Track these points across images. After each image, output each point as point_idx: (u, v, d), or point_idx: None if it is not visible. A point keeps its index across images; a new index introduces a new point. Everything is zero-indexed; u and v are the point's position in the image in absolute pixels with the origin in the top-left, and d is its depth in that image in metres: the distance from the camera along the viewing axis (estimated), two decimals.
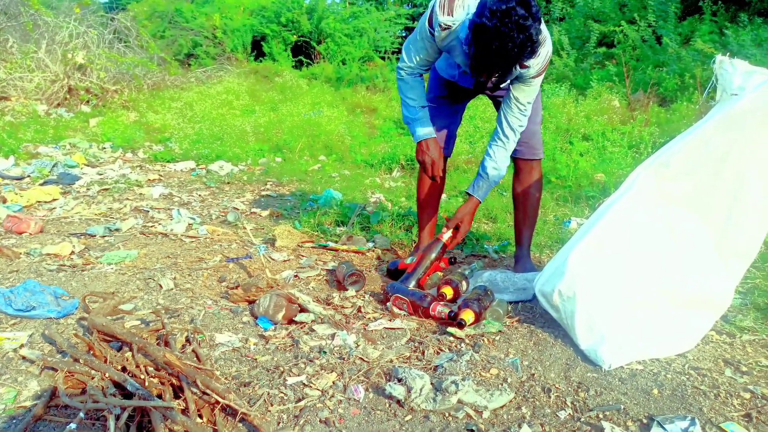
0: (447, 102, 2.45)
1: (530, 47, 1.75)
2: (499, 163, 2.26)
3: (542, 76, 2.12)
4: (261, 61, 12.12)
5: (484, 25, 1.71)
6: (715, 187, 1.73)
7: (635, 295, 1.78)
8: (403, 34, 14.08)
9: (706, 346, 1.83)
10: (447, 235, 2.31)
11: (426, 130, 2.28)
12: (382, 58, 12.62)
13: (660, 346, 1.76)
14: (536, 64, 1.99)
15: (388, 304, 2.10)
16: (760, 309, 2.08)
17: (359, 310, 2.06)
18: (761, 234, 1.76)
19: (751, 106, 1.67)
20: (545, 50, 1.98)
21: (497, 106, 2.42)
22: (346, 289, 2.25)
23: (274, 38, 12.35)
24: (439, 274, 2.39)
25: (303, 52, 12.67)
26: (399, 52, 12.90)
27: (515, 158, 2.48)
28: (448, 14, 1.95)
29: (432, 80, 2.48)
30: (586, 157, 4.64)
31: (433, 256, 2.29)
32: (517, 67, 1.97)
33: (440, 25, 1.97)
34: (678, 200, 1.76)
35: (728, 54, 1.85)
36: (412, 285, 2.19)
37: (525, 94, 2.14)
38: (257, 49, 12.55)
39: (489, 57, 1.77)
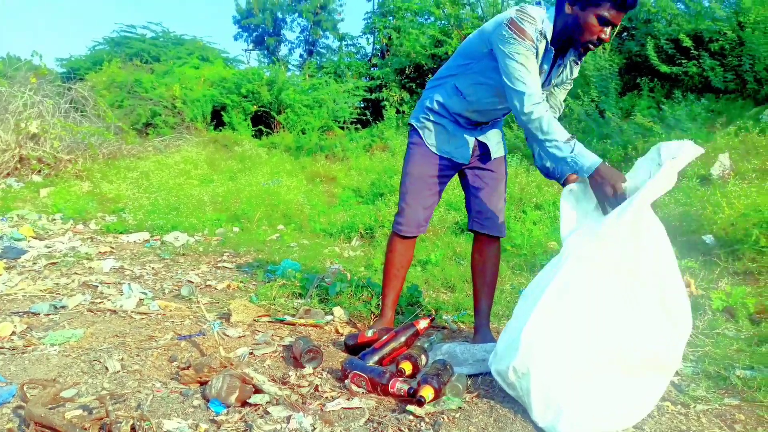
0: (434, 180, 2.47)
1: None
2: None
3: None
4: (221, 131, 12.20)
5: None
6: (638, 251, 1.79)
7: (589, 365, 1.78)
8: (362, 105, 14.49)
9: (662, 417, 1.84)
10: (423, 324, 2.31)
11: (594, 157, 1.99)
12: (342, 128, 12.89)
13: (617, 416, 1.76)
14: None
15: (346, 381, 2.05)
16: (711, 377, 2.12)
17: (316, 389, 2.00)
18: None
19: (657, 179, 1.78)
20: None
21: (467, 185, 2.54)
22: (303, 367, 2.19)
23: (234, 108, 12.52)
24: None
25: (263, 122, 12.85)
26: (357, 122, 13.25)
27: (479, 233, 2.54)
28: (533, 22, 2.06)
29: (417, 157, 2.47)
30: (539, 225, 4.78)
31: (403, 339, 2.27)
32: (578, 61, 2.27)
33: (540, 33, 2.08)
34: (615, 265, 1.80)
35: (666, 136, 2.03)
36: (372, 362, 2.16)
37: (564, 95, 2.42)
38: (217, 118, 12.66)
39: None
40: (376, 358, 2.20)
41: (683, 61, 7.26)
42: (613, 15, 1.98)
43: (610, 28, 2.02)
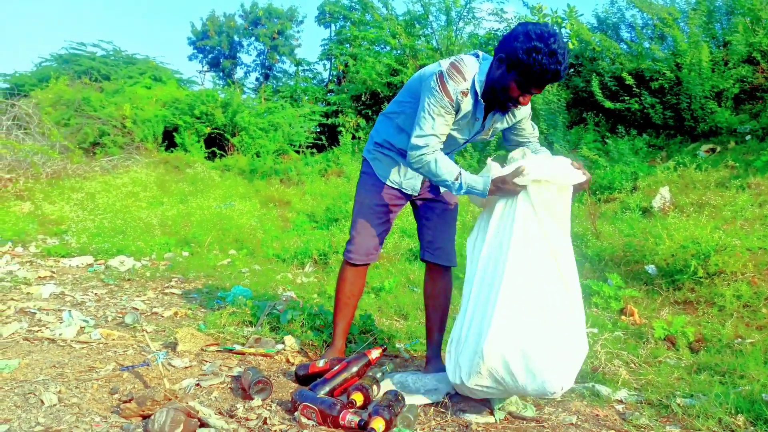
0: (384, 210, 2.50)
1: (568, 62, 2.01)
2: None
3: None
4: (172, 152, 11.95)
5: (537, 47, 1.94)
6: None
7: (539, 330, 1.97)
8: (317, 130, 14.52)
9: None
10: (375, 353, 2.30)
11: (482, 183, 2.17)
12: (297, 152, 12.85)
13: (575, 352, 1.99)
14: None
15: (296, 413, 2.01)
16: (654, 405, 2.19)
17: (265, 422, 1.96)
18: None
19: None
20: None
21: (418, 215, 2.59)
22: (252, 398, 2.13)
23: (186, 129, 12.30)
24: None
25: (216, 144, 12.67)
26: (313, 147, 13.25)
27: (431, 263, 2.57)
28: (463, 80, 2.14)
29: (369, 186, 2.50)
30: None
31: (355, 370, 2.25)
32: (519, 106, 2.23)
33: (462, 92, 2.14)
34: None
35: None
36: (323, 393, 2.13)
37: (534, 128, 2.45)
38: (169, 139, 12.40)
39: (542, 75, 1.98)
40: (327, 388, 2.17)
41: (626, 98, 7.62)
42: (536, 90, 2.08)
43: (529, 95, 2.11)
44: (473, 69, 2.16)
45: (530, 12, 9.65)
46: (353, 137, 12.54)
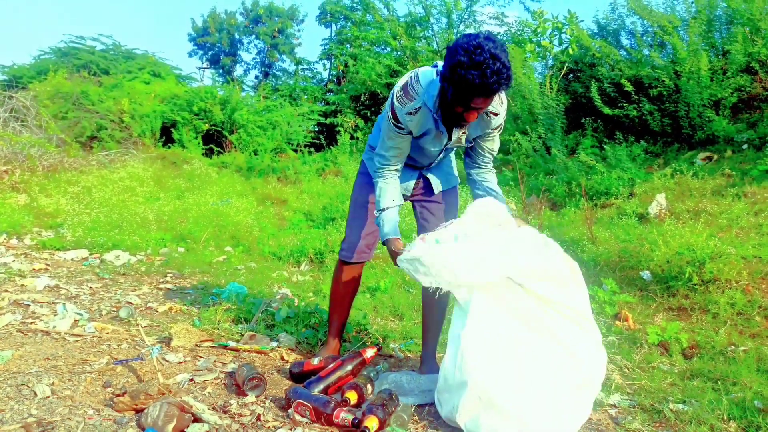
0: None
1: (506, 72, 1.86)
2: (496, 184, 2.41)
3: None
4: (169, 148, 11.92)
5: (460, 61, 1.84)
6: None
7: (524, 393, 1.87)
8: (316, 129, 14.52)
9: None
10: (370, 353, 2.30)
11: (387, 230, 2.24)
12: (295, 151, 12.85)
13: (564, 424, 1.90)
14: (503, 111, 2.18)
15: (290, 410, 2.00)
16: (647, 410, 2.20)
17: (258, 418, 1.95)
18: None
19: None
20: (504, 98, 2.18)
21: (416, 216, 2.58)
22: (246, 394, 2.13)
23: (184, 125, 12.28)
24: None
25: (214, 141, 12.65)
26: (311, 146, 13.26)
27: None
28: (410, 100, 2.11)
29: (364, 186, 2.53)
30: None
31: (349, 368, 2.25)
32: (490, 115, 2.16)
33: (409, 113, 2.12)
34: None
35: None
36: (317, 390, 2.12)
37: (496, 141, 2.34)
38: (166, 135, 12.38)
39: (470, 90, 1.87)
40: (321, 386, 2.17)
41: (624, 105, 7.65)
42: (477, 102, 1.94)
43: (473, 111, 2.00)
44: (426, 84, 2.10)
45: (531, 17, 9.69)
46: (351, 137, 12.56)
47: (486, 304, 1.95)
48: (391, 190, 2.30)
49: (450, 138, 2.25)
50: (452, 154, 2.61)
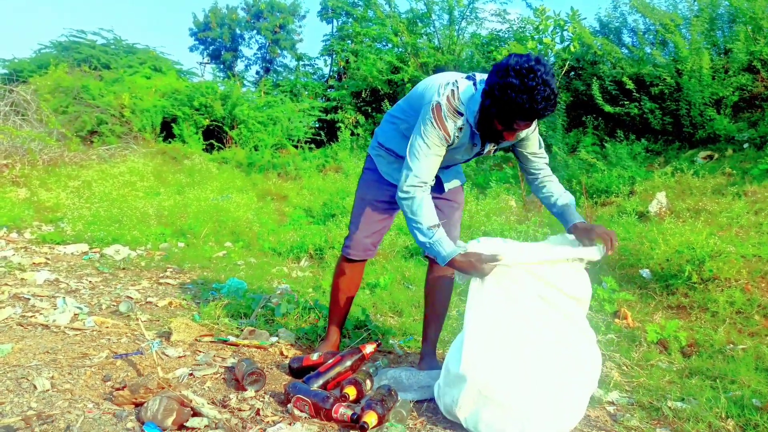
0: (385, 206, 2.49)
1: (553, 99, 1.88)
2: (563, 191, 2.34)
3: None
4: (170, 143, 11.91)
5: (512, 83, 1.84)
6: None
7: (523, 387, 1.87)
8: (316, 125, 14.51)
9: None
10: (369, 348, 2.31)
11: (451, 247, 2.08)
12: (295, 147, 12.83)
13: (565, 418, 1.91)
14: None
15: (289, 405, 2.01)
16: (645, 408, 2.20)
17: (258, 413, 1.96)
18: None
19: None
20: None
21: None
22: (245, 389, 2.14)
23: (185, 121, 12.26)
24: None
25: (215, 136, 12.64)
26: (311, 142, 13.25)
27: (434, 260, 2.56)
28: (459, 116, 2.09)
29: (371, 182, 2.50)
30: None
31: (349, 364, 2.26)
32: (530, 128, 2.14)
33: (458, 129, 2.10)
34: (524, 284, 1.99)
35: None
36: (316, 386, 2.13)
37: (535, 143, 2.30)
38: (167, 130, 12.36)
39: (518, 113, 1.88)
40: (320, 381, 2.18)
41: (626, 103, 7.64)
42: (519, 125, 1.97)
43: (513, 131, 2.02)
44: (466, 100, 2.09)
45: (533, 14, 9.66)
46: (352, 134, 12.53)
47: (491, 296, 1.97)
48: (432, 204, 2.17)
49: (482, 151, 2.25)
50: None
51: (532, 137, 2.27)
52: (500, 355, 1.89)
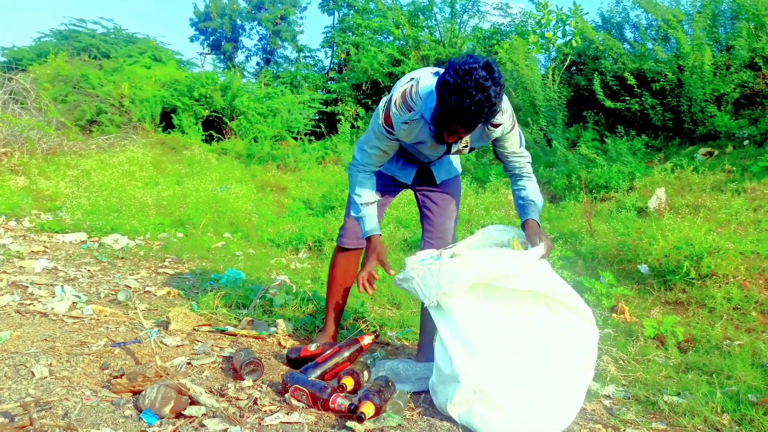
0: (378, 196, 2.48)
1: (488, 107, 1.78)
2: (537, 192, 2.29)
3: (516, 125, 2.19)
4: (169, 133, 11.88)
5: (446, 81, 1.78)
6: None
7: (517, 383, 1.87)
8: (316, 117, 14.48)
9: None
10: (367, 339, 2.31)
11: (371, 226, 2.27)
12: (295, 139, 12.81)
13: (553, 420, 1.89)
14: (507, 119, 2.08)
15: (286, 395, 2.01)
16: (641, 402, 2.21)
17: (255, 402, 1.96)
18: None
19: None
20: (506, 106, 2.07)
21: (419, 204, 2.56)
22: (243, 379, 2.14)
23: (184, 111, 12.23)
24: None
25: (214, 127, 12.61)
26: (311, 134, 13.23)
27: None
28: (408, 111, 2.05)
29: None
30: None
31: (347, 355, 2.27)
32: (490, 128, 2.07)
33: (405, 122, 2.06)
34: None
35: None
36: (314, 376, 2.14)
37: (514, 142, 2.21)
38: (166, 120, 12.33)
39: (449, 114, 1.82)
40: (318, 372, 2.18)
41: (627, 98, 7.63)
42: (456, 127, 1.89)
43: (452, 134, 1.95)
44: (424, 95, 2.02)
45: (535, 8, 9.63)
46: (352, 126, 12.52)
47: (467, 304, 1.95)
48: (372, 185, 2.29)
49: (449, 151, 2.22)
50: None
51: (509, 137, 2.17)
52: (491, 354, 1.88)
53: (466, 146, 2.20)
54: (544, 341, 1.92)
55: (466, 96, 1.75)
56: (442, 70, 1.92)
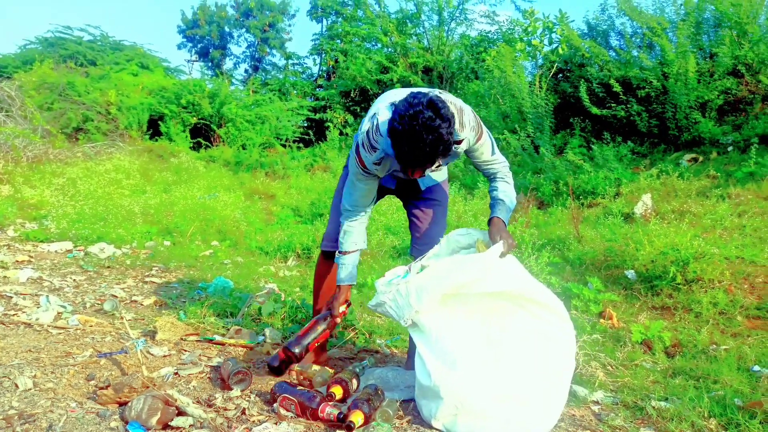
0: None
1: (443, 146, 1.78)
2: (509, 192, 2.26)
3: (485, 133, 2.15)
4: (157, 140, 11.81)
5: (395, 129, 1.78)
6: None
7: (497, 395, 1.87)
8: (305, 125, 14.48)
9: None
10: (341, 309, 2.32)
11: (343, 275, 2.32)
12: (283, 146, 12.79)
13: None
14: (468, 132, 2.05)
15: (275, 405, 2.00)
16: (629, 407, 2.22)
17: (243, 412, 1.95)
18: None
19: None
20: (467, 119, 2.03)
21: (407, 211, 2.56)
22: (231, 389, 2.12)
23: (172, 118, 12.17)
24: (330, 371, 2.34)
25: (202, 134, 12.56)
26: (300, 141, 13.23)
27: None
28: (374, 150, 2.06)
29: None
30: None
31: (323, 327, 2.30)
32: (455, 146, 2.03)
33: (375, 163, 2.09)
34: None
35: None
36: (298, 350, 2.19)
37: (484, 152, 2.17)
38: (154, 127, 12.26)
39: (406, 157, 1.82)
40: (299, 347, 2.22)
41: (612, 105, 7.70)
42: (412, 170, 1.89)
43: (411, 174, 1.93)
44: (384, 133, 1.98)
45: (522, 16, 9.72)
46: (340, 133, 12.53)
47: (440, 318, 1.96)
48: (357, 234, 2.30)
49: (423, 174, 2.10)
50: None
51: (477, 147, 2.14)
52: (469, 364, 1.88)
53: (439, 165, 2.21)
54: (521, 341, 1.92)
55: (418, 141, 1.75)
56: (399, 99, 1.89)
